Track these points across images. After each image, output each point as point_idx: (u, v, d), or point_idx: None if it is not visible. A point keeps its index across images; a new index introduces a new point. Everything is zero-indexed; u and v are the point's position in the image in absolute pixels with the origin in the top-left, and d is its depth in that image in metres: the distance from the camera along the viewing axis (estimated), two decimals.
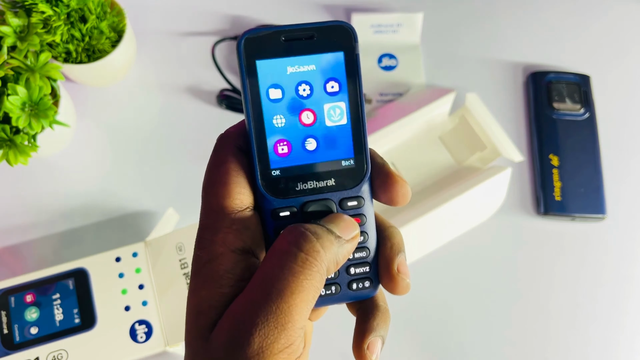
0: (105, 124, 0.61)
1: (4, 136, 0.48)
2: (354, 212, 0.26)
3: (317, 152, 0.25)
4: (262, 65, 0.24)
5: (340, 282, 0.26)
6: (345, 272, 0.26)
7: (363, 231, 0.26)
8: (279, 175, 0.25)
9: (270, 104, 0.25)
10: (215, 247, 0.24)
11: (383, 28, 0.66)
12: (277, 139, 0.25)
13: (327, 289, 0.26)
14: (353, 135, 0.26)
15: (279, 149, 0.25)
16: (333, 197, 0.26)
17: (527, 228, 0.60)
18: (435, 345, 0.55)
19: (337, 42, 0.25)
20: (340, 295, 0.27)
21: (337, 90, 0.25)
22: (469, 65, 0.67)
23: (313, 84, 0.25)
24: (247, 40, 0.24)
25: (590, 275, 0.59)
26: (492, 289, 0.58)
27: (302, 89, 0.25)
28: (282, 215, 0.25)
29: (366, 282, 0.27)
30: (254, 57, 0.24)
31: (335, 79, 0.25)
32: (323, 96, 0.25)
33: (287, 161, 0.25)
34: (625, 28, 0.70)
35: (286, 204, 0.25)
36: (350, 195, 0.26)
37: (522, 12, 0.70)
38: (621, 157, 0.63)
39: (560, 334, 0.56)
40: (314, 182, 0.25)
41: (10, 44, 0.48)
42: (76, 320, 0.48)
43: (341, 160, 0.26)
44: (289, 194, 0.25)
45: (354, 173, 0.26)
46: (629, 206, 0.61)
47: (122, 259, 0.51)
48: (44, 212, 0.57)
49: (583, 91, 0.64)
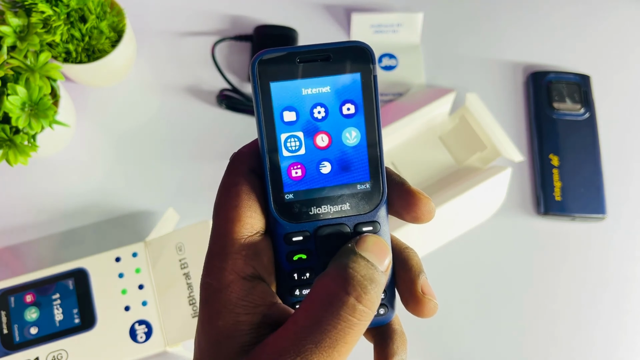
0: (105, 124, 0.61)
1: (3, 136, 0.48)
2: None
3: (332, 175, 0.25)
4: (276, 87, 0.24)
5: None
6: None
7: None
8: (292, 199, 0.24)
9: (284, 126, 0.24)
10: (225, 274, 0.23)
11: (383, 28, 0.66)
12: (291, 162, 0.24)
13: None
14: (369, 158, 0.25)
15: (293, 173, 0.24)
16: (348, 222, 0.25)
17: (527, 228, 0.60)
18: (436, 346, 0.55)
19: (353, 63, 0.24)
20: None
21: (354, 112, 0.25)
22: (469, 65, 0.67)
23: (328, 106, 0.24)
24: (261, 61, 0.24)
25: (591, 275, 0.59)
26: (492, 289, 0.58)
27: (317, 112, 0.24)
28: (294, 240, 0.25)
29: (381, 310, 0.26)
30: (268, 79, 0.24)
31: (352, 101, 0.25)
32: (339, 119, 0.25)
33: (300, 185, 0.25)
34: (625, 28, 0.70)
35: (299, 229, 0.25)
36: (366, 220, 0.25)
37: (522, 12, 0.70)
38: (621, 157, 0.63)
39: (560, 334, 0.56)
40: (328, 206, 0.25)
41: (10, 43, 0.48)
42: (76, 320, 0.48)
43: (357, 184, 0.25)
44: (302, 219, 0.25)
45: (370, 197, 0.25)
46: (629, 206, 0.61)
47: (122, 259, 0.51)
48: (44, 212, 0.57)
49: (583, 91, 0.64)
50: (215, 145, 0.61)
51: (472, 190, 0.52)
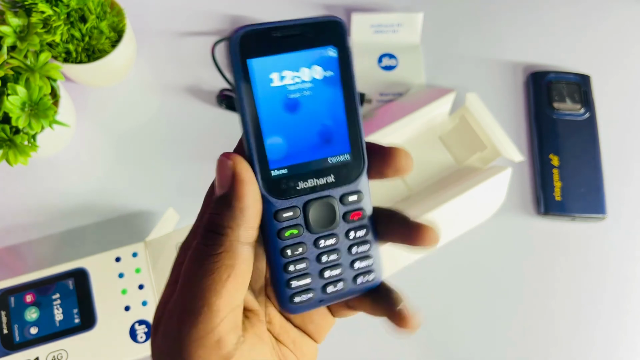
0: (105, 124, 0.61)
1: (3, 136, 0.48)
2: (354, 207, 0.26)
3: (315, 149, 0.25)
4: (254, 64, 0.24)
5: (345, 278, 0.26)
6: (350, 267, 0.26)
7: (363, 225, 0.26)
8: (278, 175, 0.25)
9: (264, 102, 0.24)
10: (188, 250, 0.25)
11: (383, 28, 0.66)
12: (274, 138, 0.24)
13: (333, 285, 0.26)
14: (349, 129, 0.25)
15: (277, 149, 0.25)
16: (334, 193, 0.25)
17: (527, 228, 0.60)
18: (436, 346, 0.55)
19: (329, 37, 0.25)
20: (347, 291, 0.27)
21: (332, 84, 0.25)
22: (469, 65, 0.67)
23: (307, 80, 0.25)
24: (238, 38, 0.24)
25: (591, 275, 0.59)
26: (492, 289, 0.57)
27: (296, 86, 0.25)
28: (285, 216, 0.25)
29: (370, 275, 0.27)
30: (246, 56, 0.24)
31: (329, 74, 0.25)
32: (317, 92, 0.25)
33: (285, 160, 0.25)
34: (625, 28, 0.70)
35: (288, 205, 0.25)
36: (350, 190, 0.26)
37: (522, 12, 0.70)
38: (621, 157, 0.63)
39: (561, 334, 0.56)
40: (314, 179, 0.25)
41: (10, 43, 0.48)
42: (76, 320, 0.48)
43: (339, 156, 0.25)
44: (290, 194, 0.25)
45: (352, 167, 0.26)
46: (630, 206, 0.61)
47: (122, 259, 0.51)
48: (44, 212, 0.57)
49: (583, 91, 0.64)
50: (215, 145, 0.60)
51: (472, 190, 0.52)
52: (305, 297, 0.26)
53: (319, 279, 0.26)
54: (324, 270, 0.26)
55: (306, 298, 0.26)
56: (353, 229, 0.26)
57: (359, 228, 0.26)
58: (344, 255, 0.26)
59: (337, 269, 0.26)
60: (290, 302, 0.26)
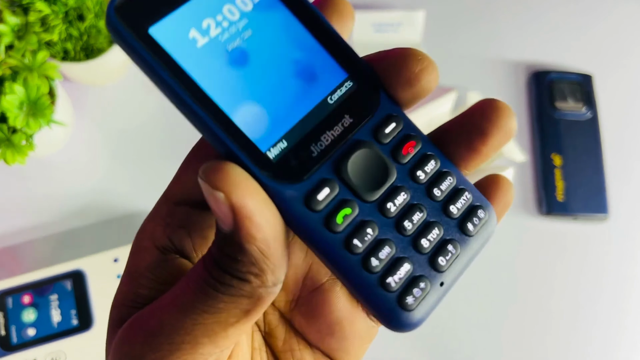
0: (103, 123, 0.61)
1: (1, 135, 0.48)
2: (401, 137, 0.19)
3: (303, 95, 0.18)
4: (158, 31, 0.17)
5: (451, 235, 0.19)
6: (446, 215, 0.19)
7: (426, 154, 0.19)
8: (280, 152, 0.18)
9: (206, 73, 0.17)
10: (143, 238, 0.20)
11: (384, 27, 0.66)
12: (245, 109, 0.17)
13: (444, 254, 0.18)
14: (329, 50, 0.18)
15: (257, 121, 0.17)
16: (363, 135, 0.18)
17: (530, 228, 0.60)
18: (436, 346, 0.55)
19: None
20: (464, 254, 0.19)
21: (272, 9, 0.18)
22: (470, 64, 0.66)
23: (238, 18, 0.18)
24: (118, 9, 0.16)
25: (593, 275, 0.58)
26: (494, 288, 0.57)
27: (231, 32, 0.17)
28: (320, 198, 0.17)
29: (480, 212, 0.19)
30: (142, 27, 0.17)
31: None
32: (261, 25, 0.18)
33: (277, 130, 0.18)
34: (628, 27, 0.70)
35: (316, 180, 0.17)
36: (379, 118, 0.18)
37: (524, 11, 0.70)
38: (624, 156, 0.63)
39: (562, 334, 0.56)
40: (328, 132, 0.18)
41: (8, 42, 0.48)
42: (74, 322, 0.48)
43: (338, 88, 0.19)
44: (309, 168, 0.18)
45: (363, 91, 0.19)
46: (632, 206, 0.61)
47: (120, 260, 0.50)
48: (42, 212, 0.57)
49: (585, 91, 0.64)
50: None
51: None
52: (419, 292, 0.17)
53: (419, 255, 0.18)
54: (418, 240, 0.18)
55: (420, 292, 0.17)
56: (417, 166, 0.19)
57: (424, 160, 0.19)
58: (429, 207, 0.18)
59: (433, 229, 0.18)
60: (404, 309, 0.17)
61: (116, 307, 0.20)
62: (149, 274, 0.19)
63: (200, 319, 0.17)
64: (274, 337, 0.21)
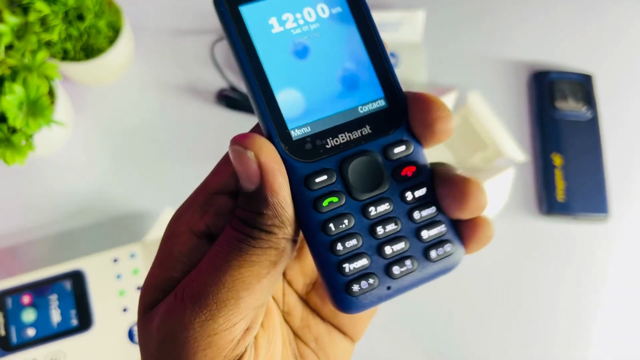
0: (102, 123, 0.61)
1: (0, 136, 0.48)
2: (405, 160, 0.21)
3: (339, 98, 0.21)
4: (248, 11, 0.20)
5: (414, 254, 0.21)
6: (416, 237, 0.21)
7: (422, 182, 0.21)
8: (301, 134, 0.21)
9: (267, 52, 0.21)
10: (178, 224, 0.22)
11: (384, 26, 0.66)
12: (287, 92, 0.21)
13: (400, 265, 0.21)
14: (376, 70, 0.21)
15: (293, 104, 0.21)
16: (374, 147, 0.21)
17: (530, 228, 0.60)
18: (436, 346, 0.55)
19: None
20: (418, 273, 0.21)
21: (343, 22, 0.21)
22: (471, 64, 0.66)
23: (313, 20, 0.21)
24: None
25: (594, 276, 0.58)
26: (494, 289, 0.57)
27: (302, 29, 0.21)
28: (318, 181, 0.20)
29: (447, 246, 0.21)
30: (236, 3, 0.20)
31: (337, 11, 0.21)
32: (329, 32, 0.21)
33: (306, 117, 0.21)
34: (628, 27, 0.69)
35: (320, 167, 0.20)
36: (394, 140, 0.21)
37: (525, 10, 0.69)
38: (624, 156, 0.63)
39: (563, 334, 0.56)
40: (346, 134, 0.21)
41: (8, 42, 0.48)
42: (73, 322, 0.48)
43: (371, 103, 0.21)
44: (319, 155, 0.21)
45: (391, 112, 0.21)
46: (633, 206, 0.61)
47: (120, 260, 0.50)
48: (41, 213, 0.57)
49: (586, 90, 0.64)
50: (213, 145, 0.60)
51: None
52: (366, 284, 0.20)
53: (380, 257, 0.21)
54: (383, 246, 0.21)
55: (367, 285, 0.20)
56: (409, 189, 0.21)
57: (417, 186, 0.21)
58: (405, 224, 0.21)
59: (399, 243, 0.21)
60: (348, 293, 0.20)
61: (147, 290, 0.22)
62: (184, 258, 0.21)
63: (237, 274, 0.19)
64: (292, 315, 0.24)
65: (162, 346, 0.19)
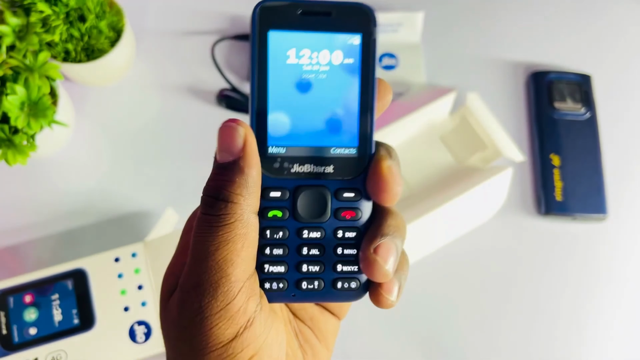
0: (104, 124, 0.61)
1: (2, 136, 0.48)
2: (349, 205, 0.24)
3: (320, 135, 0.24)
4: (274, 37, 0.23)
5: (324, 278, 0.25)
6: (331, 268, 0.25)
7: (355, 227, 0.25)
8: (275, 153, 0.24)
9: (277, 78, 0.23)
10: (194, 217, 0.24)
11: (383, 27, 0.66)
12: (279, 114, 0.24)
13: (309, 283, 0.25)
14: (360, 123, 0.24)
15: (280, 126, 0.24)
16: (330, 185, 0.24)
17: (528, 228, 0.60)
18: (436, 346, 0.55)
19: (355, 23, 0.24)
20: (321, 293, 0.25)
21: (350, 73, 0.24)
22: (469, 64, 0.67)
23: (325, 63, 0.24)
24: (263, 9, 0.23)
25: (592, 276, 0.58)
26: (493, 289, 0.57)
27: (312, 67, 0.24)
28: (272, 195, 0.24)
29: (353, 283, 0.25)
30: (267, 27, 0.23)
31: (349, 61, 0.24)
32: (334, 78, 0.24)
33: (286, 140, 0.24)
34: (626, 28, 0.70)
35: (278, 184, 0.24)
36: (348, 186, 0.24)
37: (523, 11, 0.70)
38: (622, 156, 0.63)
39: (561, 334, 0.56)
40: (312, 165, 0.24)
41: (9, 43, 0.48)
42: (75, 321, 0.48)
43: (344, 148, 0.24)
44: (282, 174, 0.24)
45: (356, 163, 0.24)
46: (631, 206, 0.61)
47: (121, 260, 0.50)
48: (43, 212, 0.57)
49: (584, 91, 0.64)
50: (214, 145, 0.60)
51: (473, 190, 0.52)
52: (276, 286, 0.24)
53: (295, 271, 0.24)
54: (301, 263, 0.24)
55: (276, 287, 0.24)
56: (342, 228, 0.24)
57: (349, 229, 0.25)
58: (327, 254, 0.25)
59: (316, 266, 0.25)
60: (261, 287, 0.24)
61: (168, 278, 0.25)
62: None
63: (218, 256, 0.22)
64: None
65: (182, 331, 0.23)
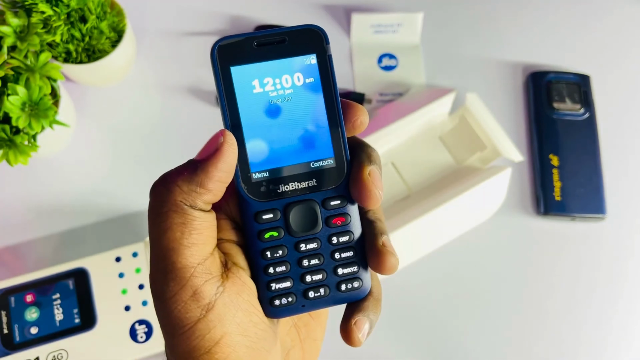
0: (105, 124, 0.61)
1: (4, 136, 0.48)
2: (337, 212, 0.26)
3: (297, 153, 0.26)
4: (236, 72, 0.25)
5: (328, 284, 0.26)
6: (333, 273, 0.26)
7: (347, 231, 0.26)
8: (259, 178, 0.25)
9: (246, 108, 0.25)
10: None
11: (383, 28, 0.66)
12: (255, 142, 0.25)
13: (315, 291, 0.26)
14: (331, 134, 0.26)
15: (258, 153, 0.25)
16: (316, 197, 0.26)
17: (527, 228, 0.60)
18: (436, 346, 0.55)
19: (308, 45, 0.26)
20: (329, 298, 0.26)
21: (313, 91, 0.26)
22: (469, 65, 0.67)
23: (289, 86, 0.25)
24: (220, 47, 0.25)
25: (590, 275, 0.59)
26: (492, 289, 0.58)
27: (278, 92, 0.25)
28: (265, 218, 0.25)
29: (355, 282, 0.27)
30: (228, 64, 0.25)
31: (310, 81, 0.26)
32: (300, 98, 0.26)
33: (267, 164, 0.26)
34: (625, 28, 0.70)
35: (269, 207, 0.26)
36: (333, 194, 0.26)
37: (522, 12, 0.70)
38: (621, 156, 0.63)
39: (560, 334, 0.56)
40: (296, 183, 0.26)
41: (10, 43, 0.48)
42: (76, 320, 0.48)
43: (322, 160, 0.26)
44: (270, 196, 0.26)
45: (335, 172, 0.26)
46: (629, 206, 0.61)
47: (122, 259, 0.51)
48: (44, 212, 0.57)
49: (583, 91, 0.64)
50: None
51: (472, 190, 0.52)
52: (285, 301, 0.26)
53: (300, 283, 0.26)
54: (305, 275, 0.26)
55: (286, 302, 0.26)
56: (335, 234, 0.26)
57: (342, 234, 0.26)
58: (326, 261, 0.26)
59: (318, 274, 0.26)
60: (271, 305, 0.26)
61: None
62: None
63: (160, 245, 0.23)
64: None
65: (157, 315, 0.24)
